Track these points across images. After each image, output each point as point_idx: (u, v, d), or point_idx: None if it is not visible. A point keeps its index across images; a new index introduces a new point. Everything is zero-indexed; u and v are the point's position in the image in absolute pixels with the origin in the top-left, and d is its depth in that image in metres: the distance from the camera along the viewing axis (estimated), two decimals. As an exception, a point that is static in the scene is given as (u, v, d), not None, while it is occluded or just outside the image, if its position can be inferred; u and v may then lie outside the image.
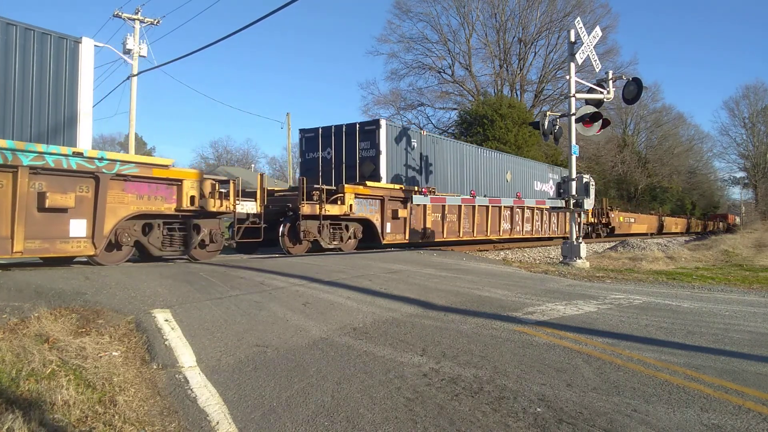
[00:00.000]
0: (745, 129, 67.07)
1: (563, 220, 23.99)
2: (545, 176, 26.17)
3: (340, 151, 16.27)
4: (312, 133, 17.10)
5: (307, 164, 17.10)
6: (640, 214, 40.95)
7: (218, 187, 10.48)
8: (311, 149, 17.04)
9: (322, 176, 16.13)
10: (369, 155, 15.84)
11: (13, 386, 3.36)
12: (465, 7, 43.62)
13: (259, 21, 11.47)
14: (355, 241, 14.27)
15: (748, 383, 3.78)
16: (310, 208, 12.57)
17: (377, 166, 15.57)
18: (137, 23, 24.65)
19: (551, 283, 8.94)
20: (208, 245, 10.64)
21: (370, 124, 16.10)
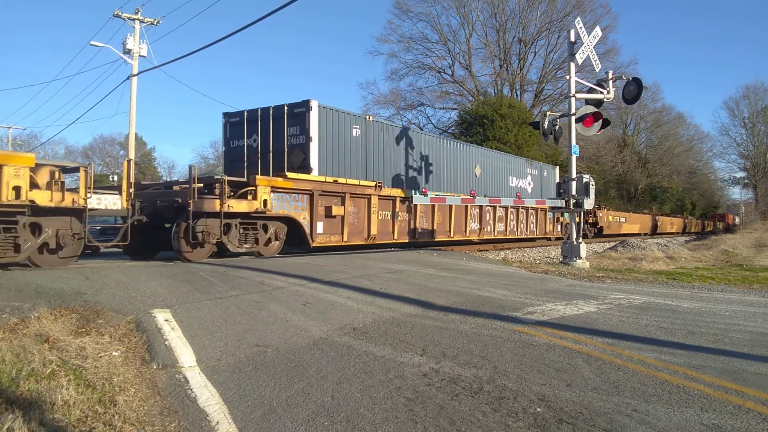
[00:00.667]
0: (745, 129, 67.15)
1: (544, 220, 22.83)
2: (522, 171, 23.88)
3: (267, 138, 13.84)
4: (237, 117, 14.60)
5: (232, 154, 14.64)
6: (632, 214, 39.24)
7: (60, 176, 8.36)
8: (236, 136, 14.54)
9: (247, 167, 13.89)
10: (298, 143, 13.37)
11: (13, 386, 3.36)
12: (465, 7, 43.67)
13: (258, 21, 11.48)
14: (279, 244, 12.09)
15: (748, 383, 3.78)
16: (208, 203, 10.29)
17: (307, 156, 13.17)
18: (137, 23, 24.66)
19: (551, 283, 8.94)
20: (59, 250, 8.44)
21: (299, 106, 13.35)
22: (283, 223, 12.05)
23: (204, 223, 10.27)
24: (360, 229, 13.93)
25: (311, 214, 12.40)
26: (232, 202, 10.65)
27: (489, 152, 22.58)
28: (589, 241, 24.93)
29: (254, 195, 11.11)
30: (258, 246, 11.48)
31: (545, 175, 25.63)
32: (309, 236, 12.31)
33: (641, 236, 35.95)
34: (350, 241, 13.49)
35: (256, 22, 11.57)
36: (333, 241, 13.07)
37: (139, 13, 24.74)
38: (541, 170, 25.35)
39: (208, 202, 10.32)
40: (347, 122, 14.58)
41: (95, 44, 25.11)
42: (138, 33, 24.62)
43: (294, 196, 12.15)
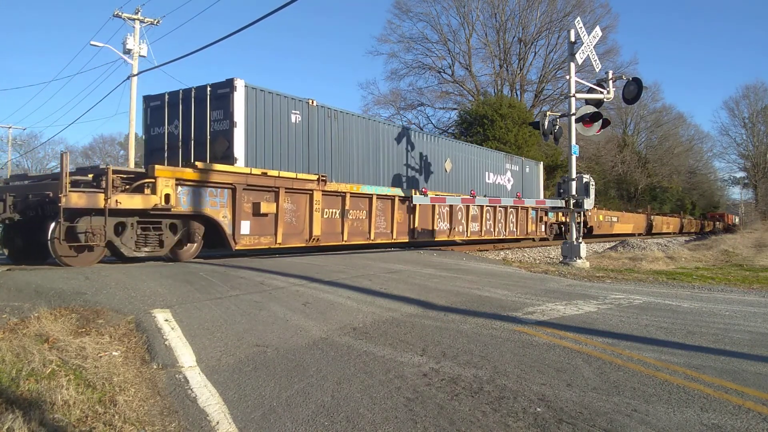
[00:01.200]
0: (745, 129, 67.13)
1: (525, 219, 21.03)
2: (500, 167, 21.68)
3: (189, 124, 11.92)
4: (158, 101, 12.62)
5: (153, 143, 12.77)
6: (625, 213, 37.38)
7: None
8: (157, 122, 12.63)
9: (168, 158, 12.10)
10: (222, 129, 11.51)
11: (13, 386, 3.36)
12: (465, 7, 43.61)
13: (258, 21, 11.45)
14: (197, 246, 10.33)
15: (748, 383, 3.78)
16: (89, 198, 8.43)
17: (230, 144, 11.28)
18: (137, 23, 24.67)
19: (551, 283, 8.94)
20: None
21: (222, 86, 11.47)
22: (200, 222, 10.14)
23: (88, 222, 8.58)
24: (299, 229, 11.98)
25: (234, 212, 10.44)
26: (121, 197, 8.78)
27: (462, 145, 20.43)
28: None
29: (153, 189, 9.20)
30: (163, 249, 9.70)
31: (527, 171, 23.78)
32: (231, 237, 10.39)
33: (636, 236, 34.26)
34: (286, 243, 11.66)
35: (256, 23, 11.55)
36: (263, 244, 11.17)
37: (139, 13, 24.74)
38: (522, 166, 23.44)
39: (89, 197, 8.47)
40: (284, 106, 12.58)
41: (95, 44, 25.13)
42: (138, 33, 24.63)
43: (210, 190, 10.14)
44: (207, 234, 10.34)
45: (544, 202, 16.50)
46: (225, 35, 27.65)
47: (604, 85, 13.49)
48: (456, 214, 17.24)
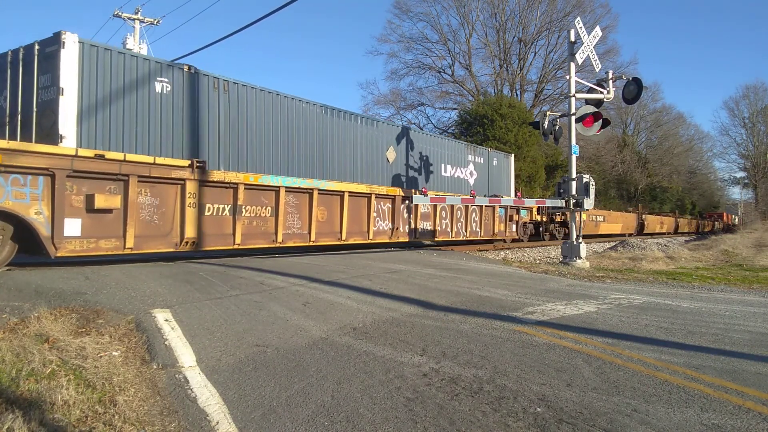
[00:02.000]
0: (745, 129, 67.14)
1: (492, 218, 18.31)
2: (460, 159, 19.12)
3: (17, 94, 9.44)
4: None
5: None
6: (612, 212, 34.88)
7: None
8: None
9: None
10: (48, 98, 9.11)
11: (13, 386, 3.36)
12: (465, 6, 43.62)
13: (258, 21, 11.48)
14: (8, 252, 7.83)
15: (748, 383, 3.78)
16: None
17: (55, 117, 8.90)
18: (137, 23, 24.68)
19: (551, 282, 8.94)
20: None
21: (50, 43, 9.07)
22: (5, 221, 7.71)
23: None
24: (165, 230, 9.36)
25: (53, 207, 7.91)
26: None
27: (410, 132, 17.46)
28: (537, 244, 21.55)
29: None
30: None
31: (494, 164, 21.29)
32: (48, 240, 7.88)
33: (626, 237, 32.06)
34: (143, 248, 9.05)
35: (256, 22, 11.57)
36: (104, 249, 8.57)
37: (139, 13, 24.76)
38: (488, 158, 20.94)
39: None
40: (145, 72, 9.99)
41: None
42: (138, 33, 24.64)
43: (15, 177, 7.62)
44: (24, 236, 7.90)
45: (544, 202, 16.36)
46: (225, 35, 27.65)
47: (604, 85, 13.49)
48: (400, 212, 14.55)
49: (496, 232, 18.67)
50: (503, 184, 22.40)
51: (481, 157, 20.66)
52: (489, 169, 21.10)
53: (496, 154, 22.15)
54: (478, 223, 17.72)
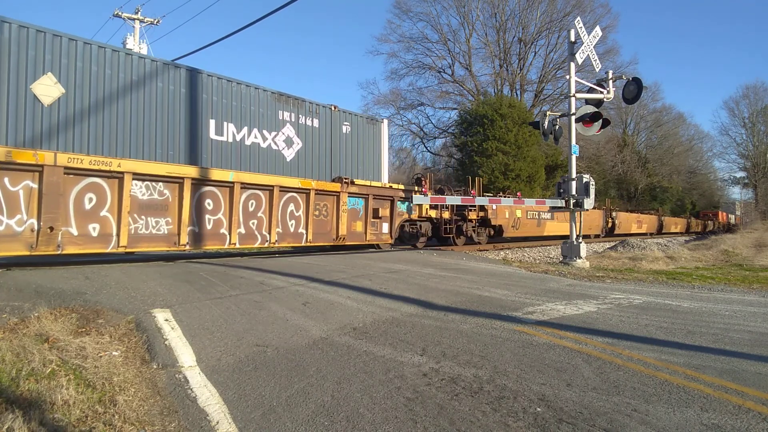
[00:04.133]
0: (745, 129, 67.10)
1: (335, 214, 13.13)
2: (269, 117, 13.23)
3: None
4: None
5: None
6: None
7: None
8: None
9: None
10: None
11: (13, 386, 3.36)
12: (465, 6, 43.64)
13: (258, 21, 11.47)
14: None
15: (748, 383, 3.78)
16: None
17: None
18: (137, 23, 24.68)
19: (551, 282, 8.93)
20: None
21: None
22: None
23: None
24: None
25: None
26: None
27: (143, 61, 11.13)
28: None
29: None
30: None
31: (345, 131, 15.20)
32: None
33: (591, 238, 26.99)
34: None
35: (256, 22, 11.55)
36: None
37: (139, 13, 24.76)
38: (327, 120, 14.72)
39: None
40: None
41: (95, 44, 25.07)
42: (138, 33, 24.64)
43: None
44: None
45: (544, 202, 16.26)
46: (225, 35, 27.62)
47: (604, 84, 13.48)
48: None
49: (341, 234, 13.07)
50: (365, 162, 15.86)
51: (309, 117, 14.12)
52: (332, 137, 14.97)
53: (347, 117, 15.45)
54: (301, 223, 12.26)
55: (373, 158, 16.76)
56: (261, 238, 11.52)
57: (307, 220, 12.50)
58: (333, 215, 13.18)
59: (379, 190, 14.45)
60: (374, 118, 17.30)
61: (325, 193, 12.90)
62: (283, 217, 12.02)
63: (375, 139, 16.69)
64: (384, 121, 17.42)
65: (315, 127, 14.75)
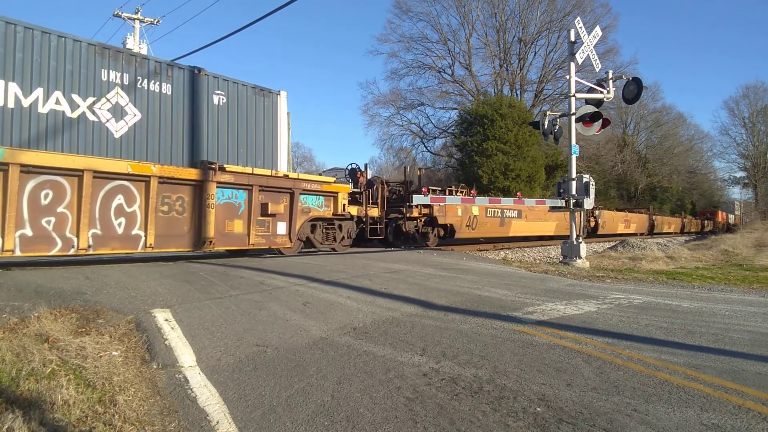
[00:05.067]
0: (745, 129, 67.14)
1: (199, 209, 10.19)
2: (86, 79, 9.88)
3: None
4: None
5: None
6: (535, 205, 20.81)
7: None
8: None
9: None
10: None
11: (13, 386, 3.36)
12: (465, 6, 43.61)
13: (258, 21, 11.46)
14: None
15: (748, 383, 3.78)
16: None
17: None
18: (137, 23, 24.68)
19: (551, 282, 8.93)
20: None
21: None
22: None
23: None
24: None
25: None
26: None
27: None
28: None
29: None
30: None
31: (218, 103, 11.80)
32: None
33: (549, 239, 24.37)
34: None
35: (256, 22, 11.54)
36: None
37: (139, 12, 24.76)
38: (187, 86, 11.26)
39: None
40: None
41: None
42: (138, 33, 24.64)
43: None
44: None
45: (544, 202, 16.17)
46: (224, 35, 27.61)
47: (604, 84, 13.48)
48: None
49: (210, 236, 10.14)
50: (253, 144, 12.58)
51: (156, 81, 10.74)
52: (195, 109, 11.43)
53: (221, 84, 11.95)
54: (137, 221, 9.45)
55: (265, 140, 12.91)
56: (62, 243, 8.46)
57: (146, 219, 9.42)
58: (194, 212, 10.06)
59: (268, 179, 11.21)
60: (265, 88, 13.03)
61: (179, 182, 9.82)
62: (103, 214, 8.96)
63: (268, 116, 13.01)
64: (281, 93, 13.37)
65: (165, 94, 10.95)
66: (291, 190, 11.82)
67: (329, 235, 13.27)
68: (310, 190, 12.28)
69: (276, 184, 11.49)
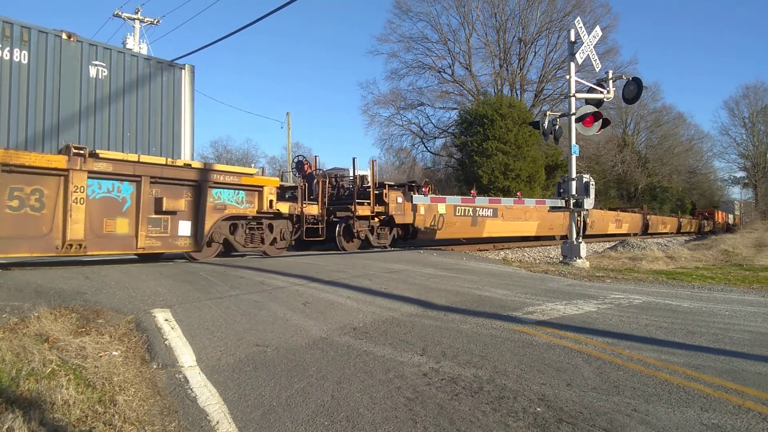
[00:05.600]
0: (745, 129, 67.17)
1: (199, 210, 9.88)
2: None
3: None
4: None
5: None
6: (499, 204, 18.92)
7: None
8: None
9: None
10: None
11: (13, 386, 3.36)
12: (465, 6, 43.64)
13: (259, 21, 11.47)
14: None
15: (748, 383, 3.78)
16: None
17: None
18: (137, 23, 24.68)
19: (551, 282, 8.93)
20: None
21: None
22: None
23: None
24: None
25: None
26: None
27: None
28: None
29: None
30: None
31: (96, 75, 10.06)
32: None
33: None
34: None
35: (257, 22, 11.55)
36: None
37: (139, 12, 24.76)
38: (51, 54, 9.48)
39: None
40: None
41: (95, 44, 25.05)
42: (138, 32, 24.65)
43: None
44: None
45: (544, 202, 16.13)
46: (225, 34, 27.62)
47: (604, 84, 13.48)
48: None
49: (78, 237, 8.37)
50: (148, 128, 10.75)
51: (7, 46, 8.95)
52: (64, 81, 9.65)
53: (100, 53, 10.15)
54: None
55: (162, 122, 10.84)
56: None
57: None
58: (57, 208, 8.21)
59: (163, 169, 9.28)
60: (164, 60, 11.04)
61: (35, 171, 7.97)
62: None
63: (167, 94, 10.94)
64: (186, 66, 11.11)
65: (19, 62, 9.00)
66: (197, 183, 9.86)
67: (255, 236, 11.43)
68: (224, 183, 10.35)
69: (174, 175, 9.46)
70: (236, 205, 10.67)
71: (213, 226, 10.23)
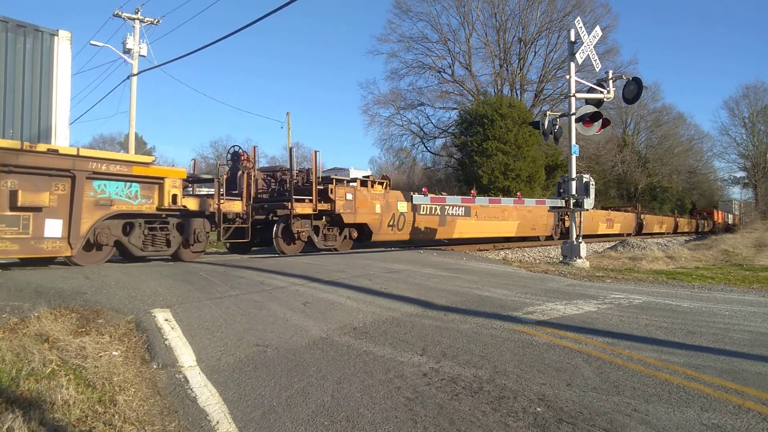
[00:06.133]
0: (745, 129, 67.12)
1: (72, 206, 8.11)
2: None
3: None
4: None
5: None
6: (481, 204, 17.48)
7: None
8: None
9: None
10: None
11: (13, 386, 3.36)
12: (465, 6, 43.58)
13: (259, 21, 11.45)
14: None
15: (748, 383, 3.78)
16: None
17: None
18: (137, 23, 24.67)
19: (551, 282, 8.93)
20: None
21: None
22: None
23: None
24: None
25: None
26: None
27: None
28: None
29: None
30: None
31: None
32: None
33: None
34: None
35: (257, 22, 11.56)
36: None
37: (139, 12, 24.75)
38: None
39: None
40: None
41: (95, 44, 25.04)
42: (138, 32, 24.63)
43: None
44: None
45: (544, 202, 16.11)
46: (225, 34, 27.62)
47: (604, 84, 13.48)
48: None
49: None
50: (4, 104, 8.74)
51: None
52: None
53: None
54: None
55: (25, 99, 8.98)
56: None
57: None
58: None
59: (19, 155, 7.65)
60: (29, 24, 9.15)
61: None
62: None
63: (33, 65, 9.04)
64: (60, 33, 9.39)
65: None
66: (70, 173, 8.22)
67: (157, 238, 9.75)
68: (110, 173, 8.65)
69: (36, 162, 7.79)
70: (128, 201, 8.98)
71: (94, 225, 8.57)
